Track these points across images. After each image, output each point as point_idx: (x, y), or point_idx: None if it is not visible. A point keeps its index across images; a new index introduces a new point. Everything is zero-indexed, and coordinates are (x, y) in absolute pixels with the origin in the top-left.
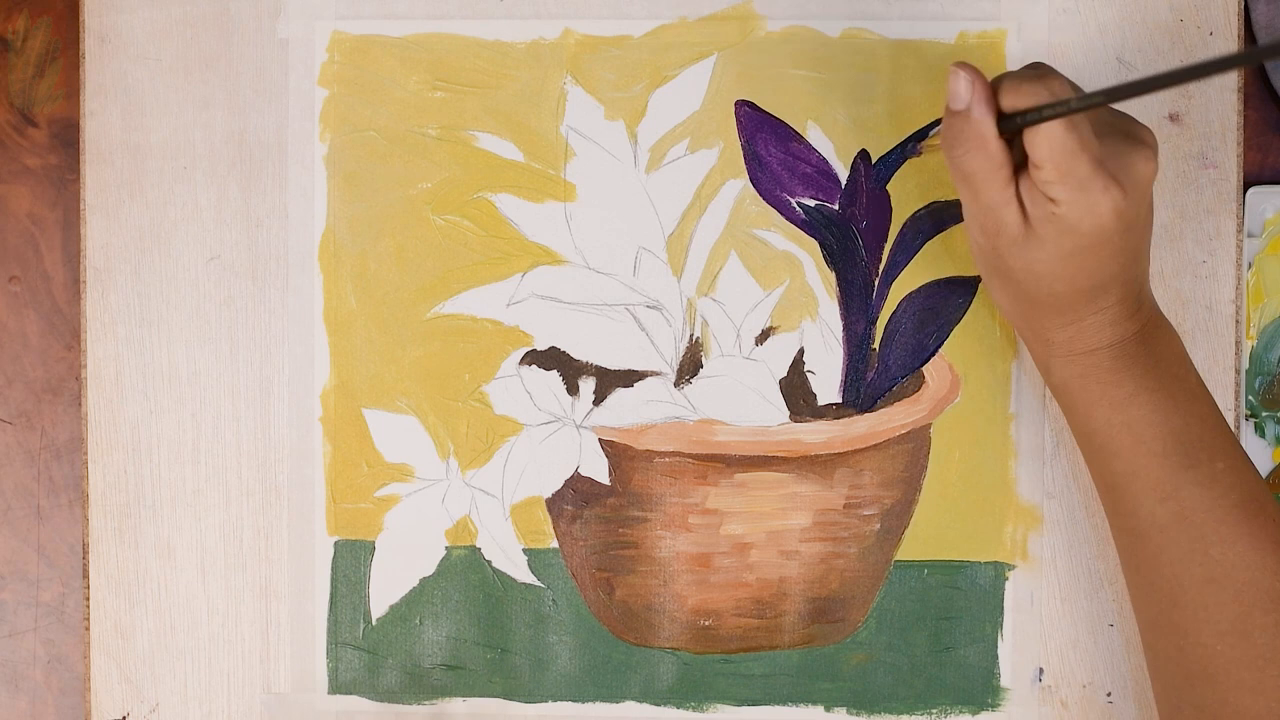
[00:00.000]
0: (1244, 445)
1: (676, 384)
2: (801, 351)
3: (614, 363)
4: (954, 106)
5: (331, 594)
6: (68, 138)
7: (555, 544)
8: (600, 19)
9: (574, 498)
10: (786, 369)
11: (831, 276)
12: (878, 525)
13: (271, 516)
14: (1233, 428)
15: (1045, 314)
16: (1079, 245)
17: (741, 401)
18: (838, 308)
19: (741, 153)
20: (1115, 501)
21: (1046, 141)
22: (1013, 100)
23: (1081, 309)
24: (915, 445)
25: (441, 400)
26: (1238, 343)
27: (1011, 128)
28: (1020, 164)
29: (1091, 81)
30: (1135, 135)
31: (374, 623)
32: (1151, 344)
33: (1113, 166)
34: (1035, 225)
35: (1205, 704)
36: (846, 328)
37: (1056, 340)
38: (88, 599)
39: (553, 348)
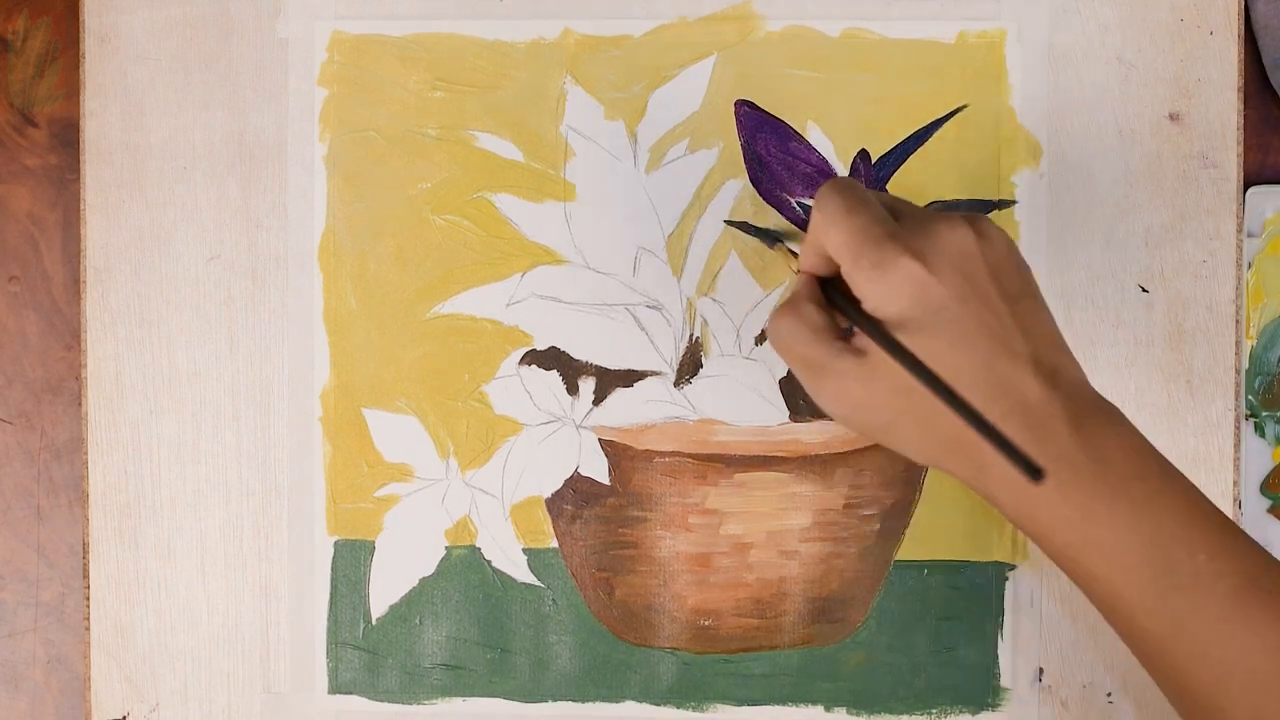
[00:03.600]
0: (1244, 445)
1: (676, 384)
2: None
3: (614, 363)
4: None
5: (331, 594)
6: (68, 138)
7: (555, 544)
8: (600, 19)
9: (574, 498)
10: (786, 369)
11: None
12: (878, 525)
13: (271, 516)
14: (1232, 429)
15: (948, 439)
16: (911, 341)
17: (741, 401)
18: None
19: (741, 153)
20: (1110, 619)
21: (833, 228)
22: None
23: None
24: None
25: (441, 400)
26: (1238, 343)
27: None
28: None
29: (1092, 79)
30: (943, 215)
31: (374, 623)
32: (1096, 445)
33: (912, 240)
34: (868, 352)
35: None
36: None
37: (987, 461)
38: (88, 599)
39: (552, 348)
